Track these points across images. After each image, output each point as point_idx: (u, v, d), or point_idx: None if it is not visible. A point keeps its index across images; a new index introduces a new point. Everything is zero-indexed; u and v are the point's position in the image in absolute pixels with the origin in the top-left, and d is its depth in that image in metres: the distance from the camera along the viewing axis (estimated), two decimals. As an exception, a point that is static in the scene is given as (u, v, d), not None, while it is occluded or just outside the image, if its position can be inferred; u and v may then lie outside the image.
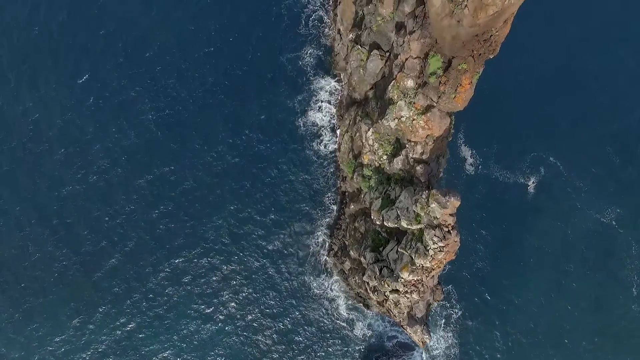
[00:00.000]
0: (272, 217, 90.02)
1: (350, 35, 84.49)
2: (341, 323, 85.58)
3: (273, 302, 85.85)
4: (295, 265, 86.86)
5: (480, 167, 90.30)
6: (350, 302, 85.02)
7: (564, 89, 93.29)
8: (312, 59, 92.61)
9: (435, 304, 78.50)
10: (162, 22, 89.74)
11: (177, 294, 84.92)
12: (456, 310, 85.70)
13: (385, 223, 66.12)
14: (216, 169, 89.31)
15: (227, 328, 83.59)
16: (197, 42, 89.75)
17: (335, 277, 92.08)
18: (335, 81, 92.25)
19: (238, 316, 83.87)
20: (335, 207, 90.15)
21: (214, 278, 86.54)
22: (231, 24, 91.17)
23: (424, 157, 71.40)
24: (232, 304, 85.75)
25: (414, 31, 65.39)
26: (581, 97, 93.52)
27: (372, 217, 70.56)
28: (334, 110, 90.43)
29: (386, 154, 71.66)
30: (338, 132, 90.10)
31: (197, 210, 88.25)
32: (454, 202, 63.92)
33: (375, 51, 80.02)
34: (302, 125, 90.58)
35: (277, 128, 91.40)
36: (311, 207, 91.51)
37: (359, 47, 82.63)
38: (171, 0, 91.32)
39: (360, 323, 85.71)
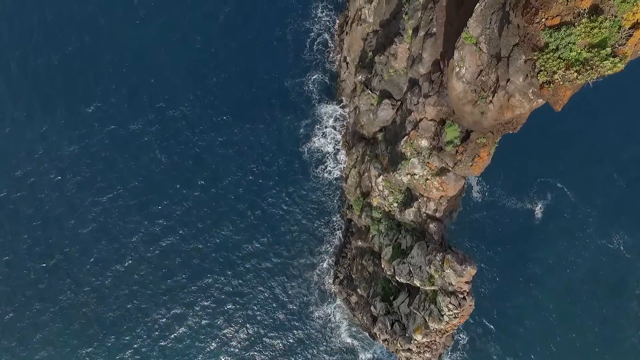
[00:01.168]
0: (276, 242, 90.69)
1: (360, 76, 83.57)
2: (344, 353, 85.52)
3: (274, 327, 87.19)
4: (298, 290, 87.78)
5: (486, 193, 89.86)
6: (354, 329, 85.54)
7: (572, 114, 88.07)
8: (316, 84, 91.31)
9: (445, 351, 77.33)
10: (168, 49, 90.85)
11: (181, 320, 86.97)
12: (463, 337, 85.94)
13: (397, 278, 64.42)
14: (220, 194, 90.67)
15: (224, 348, 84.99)
16: (202, 67, 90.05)
17: (339, 302, 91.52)
18: (340, 107, 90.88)
19: (236, 339, 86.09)
20: (340, 233, 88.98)
21: (216, 300, 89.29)
22: (237, 50, 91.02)
23: (437, 215, 72.54)
24: (230, 327, 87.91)
25: (430, 96, 62.25)
26: (589, 123, 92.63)
27: (382, 264, 67.44)
28: (339, 136, 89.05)
29: (396, 202, 69.32)
30: (344, 159, 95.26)
31: (201, 234, 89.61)
32: (470, 271, 63.26)
33: (386, 100, 79.41)
34: (306, 151, 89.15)
35: (281, 154, 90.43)
36: (316, 233, 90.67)
37: (369, 92, 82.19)
38: (177, 28, 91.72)
39: (365, 353, 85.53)
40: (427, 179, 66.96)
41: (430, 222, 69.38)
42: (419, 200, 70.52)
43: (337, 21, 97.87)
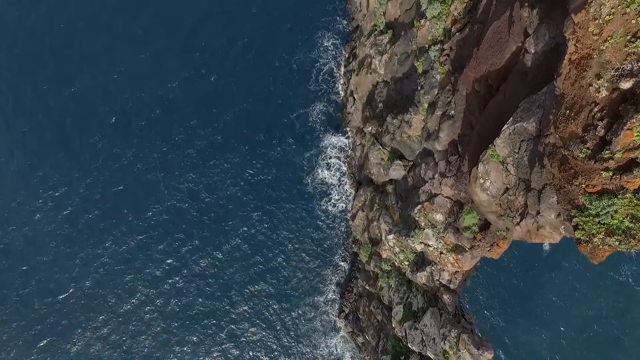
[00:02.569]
0: (279, 273, 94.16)
1: (370, 127, 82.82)
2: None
3: (276, 354, 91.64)
4: (301, 320, 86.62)
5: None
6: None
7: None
8: (321, 115, 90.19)
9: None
10: (173, 79, 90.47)
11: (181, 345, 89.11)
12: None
13: (408, 344, 64.89)
14: (224, 227, 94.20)
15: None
16: (206, 99, 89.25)
17: (343, 334, 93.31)
18: (345, 138, 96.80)
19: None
20: (345, 265, 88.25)
21: (218, 326, 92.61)
22: (241, 81, 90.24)
23: (451, 286, 71.49)
24: (232, 351, 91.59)
25: (447, 177, 61.18)
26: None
27: (392, 323, 67.95)
28: (344, 167, 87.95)
29: (407, 261, 67.20)
30: (348, 190, 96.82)
31: (205, 270, 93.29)
32: (487, 356, 62.37)
33: (398, 162, 78.78)
34: (310, 183, 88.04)
35: (284, 186, 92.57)
36: (320, 265, 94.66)
37: (380, 147, 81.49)
38: (182, 59, 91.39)
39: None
40: (441, 253, 65.68)
41: (444, 293, 68.73)
42: (432, 266, 68.89)
43: (344, 52, 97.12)
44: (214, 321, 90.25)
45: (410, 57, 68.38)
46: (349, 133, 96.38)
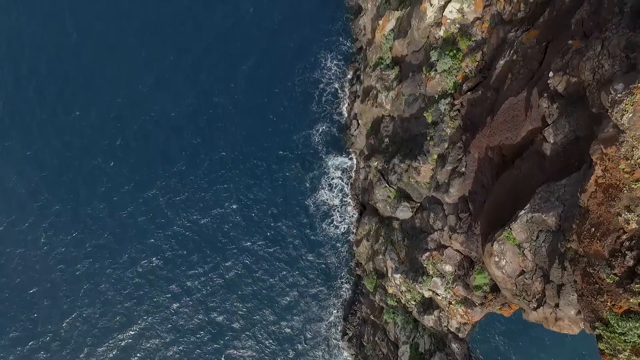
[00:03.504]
0: (282, 296, 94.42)
1: (376, 163, 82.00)
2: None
3: None
4: (304, 342, 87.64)
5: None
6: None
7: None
8: (324, 136, 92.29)
9: None
10: (176, 102, 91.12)
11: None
12: None
13: None
14: (225, 250, 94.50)
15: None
16: (209, 121, 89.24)
17: (346, 355, 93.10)
18: (348, 159, 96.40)
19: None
20: (348, 287, 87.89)
21: (223, 345, 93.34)
22: (244, 102, 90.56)
23: (460, 335, 70.64)
24: None
25: (457, 232, 60.35)
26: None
27: None
28: (347, 188, 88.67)
29: (415, 301, 65.93)
30: (351, 211, 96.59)
31: (208, 294, 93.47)
32: None
33: (406, 204, 77.88)
34: (312, 204, 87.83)
35: (287, 207, 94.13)
36: (323, 287, 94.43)
37: (387, 184, 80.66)
38: (186, 82, 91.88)
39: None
40: (450, 303, 64.59)
41: (453, 341, 67.37)
42: (440, 312, 68.00)
43: (348, 73, 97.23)
44: (215, 346, 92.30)
45: (418, 101, 66.43)
46: (352, 154, 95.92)
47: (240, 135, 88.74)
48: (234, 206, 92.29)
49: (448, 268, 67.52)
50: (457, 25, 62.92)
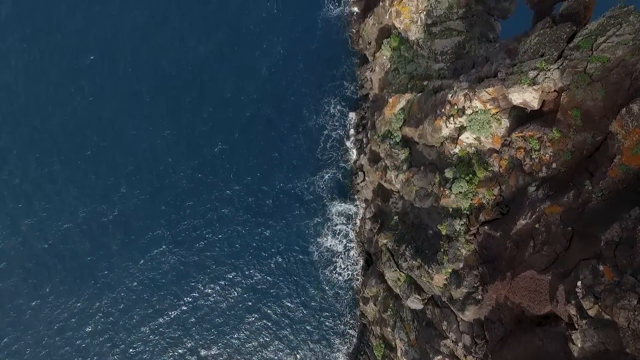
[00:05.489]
0: (286, 345, 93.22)
1: (385, 241, 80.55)
2: None
3: None
4: None
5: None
6: None
7: None
8: (329, 183, 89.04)
9: None
10: (179, 147, 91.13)
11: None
12: None
13: None
14: (227, 295, 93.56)
15: None
16: (213, 167, 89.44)
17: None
18: (353, 205, 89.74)
19: None
20: (353, 333, 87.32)
21: None
22: (248, 148, 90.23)
23: None
24: None
25: (472, 356, 61.66)
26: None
27: None
28: (351, 234, 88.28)
29: None
30: (355, 257, 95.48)
31: (211, 344, 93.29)
32: None
33: (416, 295, 76.11)
34: (315, 251, 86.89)
35: (290, 255, 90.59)
36: (328, 335, 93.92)
37: (396, 267, 78.66)
38: (188, 126, 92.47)
39: None
40: None
41: None
42: None
43: (354, 118, 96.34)
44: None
45: (430, 198, 66.81)
46: (358, 202, 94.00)
47: (244, 181, 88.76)
48: (236, 251, 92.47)
49: (459, 352, 66.58)
50: (474, 149, 58.69)
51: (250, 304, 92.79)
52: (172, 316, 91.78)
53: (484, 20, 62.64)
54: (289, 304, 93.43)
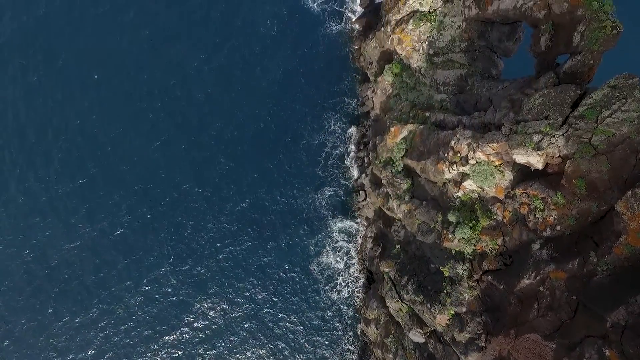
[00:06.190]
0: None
1: (388, 269, 79.44)
2: None
3: None
4: None
5: None
6: None
7: None
8: (330, 200, 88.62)
9: None
10: (182, 168, 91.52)
11: None
12: None
13: None
14: (229, 314, 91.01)
15: None
16: (215, 186, 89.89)
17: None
18: (354, 223, 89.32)
19: None
20: (353, 349, 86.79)
21: None
22: (249, 165, 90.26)
23: None
24: None
25: None
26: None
27: None
28: (352, 251, 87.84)
29: None
30: (356, 273, 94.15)
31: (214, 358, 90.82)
32: None
33: (419, 329, 74.89)
34: (316, 269, 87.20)
35: (292, 272, 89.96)
36: (329, 353, 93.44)
37: (398, 298, 77.96)
38: (190, 145, 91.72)
39: None
40: None
41: None
42: None
43: (355, 134, 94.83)
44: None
45: (432, 234, 65.24)
46: (359, 219, 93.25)
47: (245, 199, 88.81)
48: (238, 270, 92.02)
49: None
50: (477, 195, 57.82)
51: (250, 322, 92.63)
52: (174, 337, 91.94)
53: (486, 57, 60.97)
54: (289, 322, 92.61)
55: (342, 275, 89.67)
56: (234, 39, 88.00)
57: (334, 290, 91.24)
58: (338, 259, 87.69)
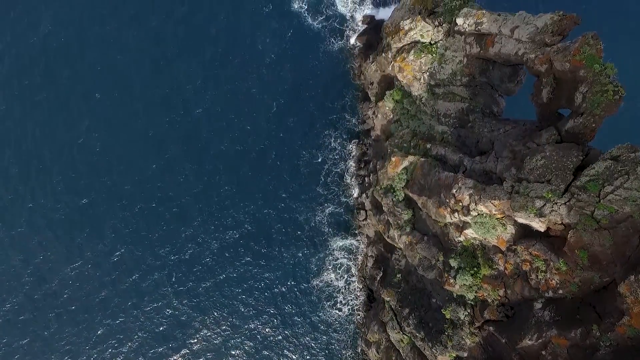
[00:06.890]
0: None
1: (389, 298, 78.45)
2: None
3: None
4: None
5: None
6: None
7: None
8: (330, 218, 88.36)
9: None
10: (182, 187, 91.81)
11: None
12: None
13: None
14: (229, 331, 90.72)
15: None
16: (215, 205, 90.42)
17: None
18: (355, 240, 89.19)
19: None
20: None
21: None
22: (249, 184, 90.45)
23: None
24: None
25: None
26: None
27: None
28: (353, 269, 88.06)
29: None
30: (356, 290, 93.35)
31: None
32: None
33: None
34: (316, 286, 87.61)
35: (292, 290, 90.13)
36: None
37: (399, 328, 77.55)
38: (191, 163, 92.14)
39: None
40: None
41: None
42: None
43: (355, 152, 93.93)
44: None
45: (434, 271, 66.01)
46: (359, 237, 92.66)
47: (244, 218, 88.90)
48: (238, 290, 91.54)
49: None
50: (478, 242, 56.99)
51: (250, 341, 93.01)
52: (175, 358, 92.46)
53: (487, 93, 60.03)
54: (289, 341, 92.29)
55: (342, 293, 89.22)
56: (235, 57, 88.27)
57: (334, 307, 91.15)
58: (339, 276, 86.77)
